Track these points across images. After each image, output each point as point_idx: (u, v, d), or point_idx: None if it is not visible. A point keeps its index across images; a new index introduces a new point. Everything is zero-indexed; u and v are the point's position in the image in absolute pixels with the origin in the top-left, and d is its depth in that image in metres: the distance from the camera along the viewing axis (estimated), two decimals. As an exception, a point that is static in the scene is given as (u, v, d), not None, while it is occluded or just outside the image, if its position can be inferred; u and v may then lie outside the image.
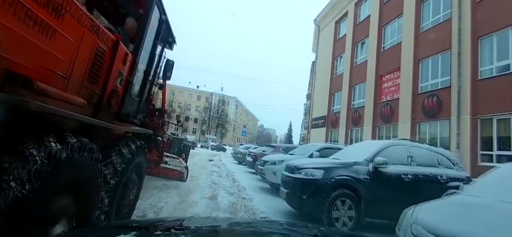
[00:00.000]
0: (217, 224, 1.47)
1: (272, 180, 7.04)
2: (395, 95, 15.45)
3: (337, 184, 4.12)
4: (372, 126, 16.49)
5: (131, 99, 3.03)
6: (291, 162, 5.00)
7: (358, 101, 18.84)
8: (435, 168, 4.76)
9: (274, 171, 7.00)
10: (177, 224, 1.18)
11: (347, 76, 20.05)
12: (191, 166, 11.48)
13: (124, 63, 2.66)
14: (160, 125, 5.13)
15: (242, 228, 1.34)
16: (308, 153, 7.26)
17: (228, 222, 1.59)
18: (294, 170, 4.55)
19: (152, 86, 3.98)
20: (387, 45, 16.93)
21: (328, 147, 7.70)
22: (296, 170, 4.49)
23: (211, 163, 15.02)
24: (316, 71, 26.98)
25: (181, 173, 5.39)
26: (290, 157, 7.37)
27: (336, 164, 4.39)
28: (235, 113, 78.01)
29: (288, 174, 4.67)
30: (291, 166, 4.77)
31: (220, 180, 8.54)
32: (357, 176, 4.20)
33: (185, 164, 5.68)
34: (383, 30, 17.38)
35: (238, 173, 11.35)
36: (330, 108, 22.31)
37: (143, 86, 3.35)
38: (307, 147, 8.38)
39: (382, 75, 16.69)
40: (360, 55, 19.56)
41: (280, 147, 10.87)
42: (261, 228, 1.38)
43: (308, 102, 40.06)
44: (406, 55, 14.85)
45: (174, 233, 1.01)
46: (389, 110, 15.49)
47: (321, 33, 26.40)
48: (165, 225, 1.13)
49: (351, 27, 20.59)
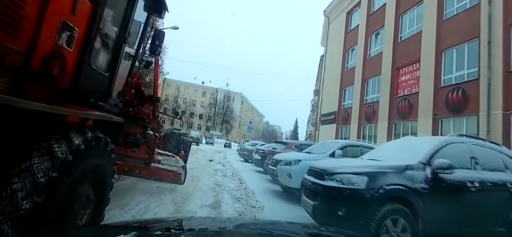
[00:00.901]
0: (217, 224, 1.43)
1: (287, 184, 5.98)
2: (414, 89, 14.28)
3: (387, 197, 2.99)
4: (388, 123, 15.35)
5: (94, 71, 2.07)
6: (316, 164, 3.93)
7: (371, 96, 17.68)
8: (502, 173, 3.66)
9: (289, 173, 5.91)
10: (177, 224, 1.21)
11: (359, 69, 18.87)
12: (194, 164, 10.50)
13: (73, 12, 1.70)
14: (151, 116, 4.19)
15: (243, 228, 1.35)
16: (329, 152, 6.20)
17: (228, 222, 1.65)
18: (323, 175, 3.46)
19: (134, 61, 3.02)
20: (405, 35, 15.70)
21: (352, 144, 6.65)
22: (327, 175, 3.39)
23: (216, 161, 14.07)
24: (326, 65, 25.81)
25: (177, 175, 4.43)
26: (308, 156, 6.35)
27: (383, 168, 3.23)
28: (241, 109, 77.12)
29: (315, 180, 3.57)
30: (317, 169, 3.72)
31: (224, 181, 7.59)
32: (412, 185, 3.05)
33: (182, 164, 4.71)
34: (400, 19, 16.14)
35: (245, 172, 10.34)
36: (340, 103, 21.19)
37: (116, 56, 2.39)
38: (325, 144, 7.26)
39: (399, 67, 15.50)
40: (374, 46, 18.35)
41: (293, 144, 9.76)
42: (261, 228, 1.38)
43: (316, 97, 38.90)
44: (427, 45, 13.64)
45: (174, 233, 1.00)
46: (407, 105, 14.33)
47: (331, 25, 25.17)
48: (165, 225, 1.12)
49: (365, 17, 19.36)
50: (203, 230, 1.15)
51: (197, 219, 1.84)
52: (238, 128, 74.49)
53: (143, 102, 4.19)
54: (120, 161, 3.77)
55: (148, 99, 4.32)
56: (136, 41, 3.02)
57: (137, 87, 3.94)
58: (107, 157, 2.19)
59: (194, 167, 9.37)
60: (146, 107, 4.40)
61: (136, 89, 3.95)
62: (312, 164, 4.01)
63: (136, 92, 3.97)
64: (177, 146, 5.81)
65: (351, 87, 19.83)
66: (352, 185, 3.11)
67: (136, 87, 3.93)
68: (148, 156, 4.00)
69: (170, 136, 5.96)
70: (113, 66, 2.37)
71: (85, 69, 1.95)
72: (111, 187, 2.39)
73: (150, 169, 4.05)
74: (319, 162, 4.22)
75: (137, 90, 3.99)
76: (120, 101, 2.94)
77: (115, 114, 2.68)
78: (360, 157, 4.48)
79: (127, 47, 2.77)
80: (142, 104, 4.15)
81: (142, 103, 4.15)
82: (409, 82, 14.77)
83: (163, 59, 18.03)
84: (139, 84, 4.00)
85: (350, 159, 5.13)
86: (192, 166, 9.34)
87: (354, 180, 3.13)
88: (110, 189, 2.36)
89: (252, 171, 11.18)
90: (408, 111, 14.25)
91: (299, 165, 5.80)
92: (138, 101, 4.05)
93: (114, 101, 2.67)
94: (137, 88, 3.95)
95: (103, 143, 2.03)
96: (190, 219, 1.70)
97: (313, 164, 3.99)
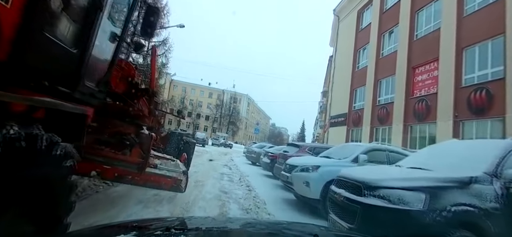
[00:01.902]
0: (217, 224, 1.43)
1: (304, 193, 5.22)
2: (432, 89, 13.46)
3: (456, 222, 2.20)
4: (403, 125, 14.53)
5: (51, 43, 1.48)
6: (349, 174, 3.13)
7: (385, 97, 16.87)
8: None
9: (306, 181, 5.12)
10: (177, 224, 1.20)
11: (372, 69, 18.08)
12: (198, 167, 9.92)
13: None
14: (147, 113, 3.61)
15: (243, 228, 1.33)
16: (351, 157, 5.41)
17: (228, 222, 1.68)
18: (361, 190, 2.68)
19: (119, 42, 2.42)
20: (421, 32, 14.89)
21: (378, 148, 5.90)
22: (367, 189, 2.61)
23: (222, 164, 13.46)
24: (335, 65, 25.06)
25: (176, 181, 3.82)
26: (327, 161, 5.63)
27: (443, 181, 2.43)
28: (247, 111, 76.58)
29: (350, 196, 2.81)
30: (351, 180, 2.96)
31: (231, 187, 6.87)
32: (482, 205, 2.26)
33: (183, 168, 4.10)
34: (416, 16, 15.34)
35: (253, 177, 9.63)
36: (351, 105, 20.41)
37: (88, 28, 1.80)
38: (346, 148, 6.56)
39: (415, 66, 14.70)
40: (387, 45, 17.55)
41: (307, 147, 8.93)
42: (261, 228, 1.36)
43: (324, 99, 38.15)
44: (446, 43, 12.83)
45: (174, 233, 1.00)
46: (425, 106, 13.51)
47: (341, 24, 24.42)
48: (165, 225, 1.10)
49: (377, 15, 18.58)
50: (203, 230, 1.14)
51: (197, 219, 1.80)
52: (245, 129, 73.95)
53: (136, 96, 3.59)
54: (108, 165, 3.21)
55: (142, 92, 3.72)
56: (122, 17, 2.43)
57: (128, 77, 3.36)
58: (53, 164, 1.51)
59: (198, 171, 8.78)
60: (143, 103, 3.82)
61: (127, 80, 3.36)
62: (342, 174, 3.27)
63: (127, 84, 3.38)
64: (178, 148, 5.20)
65: (363, 88, 19.04)
66: (405, 204, 2.31)
67: (127, 78, 3.35)
68: (142, 160, 3.41)
69: (171, 136, 5.36)
70: (84, 41, 1.78)
71: (35, 36, 1.36)
72: (70, 209, 1.76)
73: (145, 175, 3.45)
74: (351, 171, 3.46)
75: (128, 81, 3.39)
76: (101, 91, 2.36)
77: (93, 107, 2.09)
78: (396, 165, 3.72)
79: (110, 24, 2.19)
80: (135, 98, 3.56)
81: (135, 97, 3.55)
82: (427, 82, 13.95)
83: (169, 57, 17.71)
84: (131, 74, 3.41)
85: (389, 167, 4.30)
86: (196, 170, 8.75)
87: (407, 197, 2.33)
88: (67, 212, 1.73)
89: (261, 176, 10.52)
90: (425, 113, 13.43)
91: (318, 172, 5.10)
92: (129, 95, 3.45)
93: (90, 89, 2.08)
94: (128, 78, 3.36)
95: (44, 145, 1.38)
96: (190, 219, 1.71)
97: (344, 173, 3.25)
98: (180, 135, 5.49)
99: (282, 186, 7.16)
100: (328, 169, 5.07)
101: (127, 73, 3.33)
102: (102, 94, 2.43)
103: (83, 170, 3.00)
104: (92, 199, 3.88)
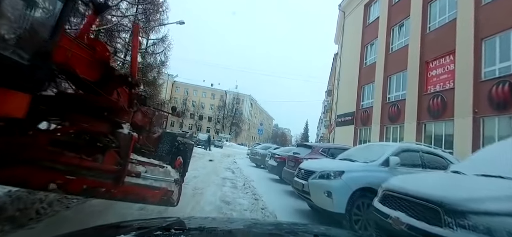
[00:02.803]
0: (217, 224, 1.43)
1: (326, 207, 4.22)
2: (448, 84, 12.59)
3: None
4: (417, 123, 13.67)
5: None
6: (403, 186, 2.29)
7: (396, 94, 16.00)
8: None
9: (327, 191, 4.13)
10: (177, 224, 1.20)
11: (381, 65, 17.22)
12: (200, 170, 9.17)
13: None
14: (126, 107, 2.86)
15: (243, 228, 1.34)
16: (379, 159, 4.48)
17: (228, 222, 1.65)
18: (440, 215, 1.78)
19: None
20: (434, 24, 14.03)
21: (410, 148, 4.89)
22: (452, 216, 1.68)
23: (224, 167, 12.69)
24: (341, 62, 24.21)
25: (166, 193, 3.04)
26: (354, 166, 4.57)
27: None
28: (250, 112, 75.79)
29: (420, 226, 1.89)
30: (418, 197, 2.04)
31: (234, 195, 6.03)
32: None
33: (176, 176, 3.31)
34: (429, 7, 14.48)
35: (259, 182, 8.73)
36: (359, 103, 19.55)
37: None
38: (371, 148, 5.54)
39: (429, 61, 13.83)
40: (398, 39, 16.68)
41: (320, 148, 7.77)
42: (261, 228, 1.36)
43: (329, 98, 37.33)
44: (463, 34, 11.97)
45: (174, 233, 1.00)
46: (440, 102, 12.65)
47: (346, 20, 23.57)
48: (165, 225, 1.13)
49: (386, 8, 17.73)
50: (203, 230, 1.14)
51: (197, 219, 1.75)
52: (248, 130, 73.15)
53: (112, 85, 2.81)
54: (73, 175, 2.45)
55: (120, 80, 2.86)
56: None
57: (101, 60, 2.58)
58: None
59: (198, 175, 8.01)
60: (122, 94, 3.02)
61: (100, 64, 2.58)
62: (392, 186, 2.36)
63: (100, 68, 2.60)
64: (171, 151, 4.38)
65: (371, 85, 18.18)
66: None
67: (100, 61, 2.57)
68: (119, 167, 2.66)
69: (163, 137, 4.56)
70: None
71: None
72: None
73: (124, 187, 2.69)
74: (406, 182, 2.49)
75: (101, 65, 2.62)
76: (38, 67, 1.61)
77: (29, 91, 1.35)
78: (453, 171, 2.82)
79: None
80: (110, 87, 2.77)
81: (110, 86, 2.77)
82: (442, 76, 13.08)
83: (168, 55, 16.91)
84: (104, 57, 2.63)
85: (447, 175, 3.04)
86: (195, 174, 7.98)
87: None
88: None
89: (267, 180, 9.67)
90: (441, 110, 12.56)
91: (343, 179, 4.13)
92: (103, 83, 2.67)
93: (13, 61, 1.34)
94: (101, 62, 2.59)
95: None
96: (190, 219, 1.67)
97: (396, 185, 2.36)
98: (174, 135, 4.69)
99: (292, 192, 6.35)
100: (354, 175, 4.21)
101: (100, 55, 2.55)
102: (43, 73, 1.68)
103: (35, 182, 2.26)
104: (58, 219, 3.12)
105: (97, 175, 2.55)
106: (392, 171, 4.14)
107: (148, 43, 17.10)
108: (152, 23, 16.70)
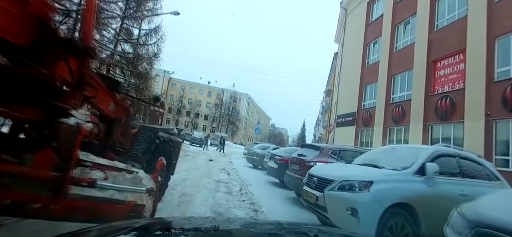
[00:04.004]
0: (216, 224, 1.37)
1: (349, 227, 3.10)
2: (458, 85, 11.93)
3: None
4: (423, 125, 12.99)
5: None
6: None
7: (400, 94, 15.31)
8: None
9: (351, 207, 3.17)
10: (177, 224, 1.20)
11: (385, 64, 16.52)
12: (191, 172, 8.32)
13: None
14: (73, 85, 2.03)
15: (242, 228, 1.32)
16: (412, 166, 3.53)
17: (228, 222, 1.62)
18: None
19: None
20: (442, 22, 13.36)
21: (447, 153, 3.98)
22: None
23: (219, 167, 11.86)
24: (342, 62, 23.52)
25: (135, 207, 2.24)
26: (380, 173, 3.59)
27: None
28: (247, 111, 74.93)
29: None
30: None
31: (229, 203, 5.20)
32: None
33: (150, 185, 2.49)
34: (436, 5, 13.81)
35: (258, 186, 7.83)
36: (360, 103, 18.85)
37: None
38: (397, 151, 4.53)
39: (437, 60, 13.16)
40: (402, 38, 15.99)
41: (330, 150, 6.57)
42: (261, 228, 1.35)
43: (328, 98, 36.66)
44: (475, 32, 11.30)
45: (174, 233, 1.00)
46: (449, 103, 11.97)
47: (348, 18, 22.87)
48: (165, 225, 1.13)
49: (390, 5, 17.04)
50: (203, 230, 1.12)
51: (197, 219, 1.67)
52: (244, 129, 72.31)
53: (50, 54, 1.89)
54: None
55: (65, 48, 1.93)
56: None
57: (36, 17, 1.70)
58: None
59: (188, 177, 7.16)
60: (67, 68, 2.08)
61: (35, 22, 1.70)
62: (499, 222, 1.56)
63: (35, 29, 1.72)
64: (149, 150, 3.49)
65: (374, 85, 17.48)
66: None
67: (35, 18, 1.68)
68: (58, 173, 1.84)
69: (140, 133, 3.68)
70: None
71: None
72: None
73: (69, 202, 1.87)
74: None
75: (37, 24, 1.74)
76: None
77: None
78: None
79: None
80: (49, 57, 1.89)
81: (49, 55, 1.88)
82: (450, 77, 12.41)
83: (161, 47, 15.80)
84: (42, 13, 1.75)
85: None
86: (185, 176, 7.15)
87: None
88: None
89: (266, 184, 8.82)
90: (450, 111, 11.89)
91: (372, 193, 3.18)
92: (39, 50, 1.80)
93: None
94: (36, 19, 1.71)
95: None
96: (190, 219, 1.62)
97: (504, 219, 1.54)
98: (154, 130, 3.83)
99: (296, 200, 5.54)
100: (385, 187, 3.26)
101: (35, 9, 1.73)
102: None
103: None
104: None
105: (25, 184, 1.74)
106: (429, 182, 3.37)
107: (140, 33, 16.19)
108: (145, 12, 15.83)
